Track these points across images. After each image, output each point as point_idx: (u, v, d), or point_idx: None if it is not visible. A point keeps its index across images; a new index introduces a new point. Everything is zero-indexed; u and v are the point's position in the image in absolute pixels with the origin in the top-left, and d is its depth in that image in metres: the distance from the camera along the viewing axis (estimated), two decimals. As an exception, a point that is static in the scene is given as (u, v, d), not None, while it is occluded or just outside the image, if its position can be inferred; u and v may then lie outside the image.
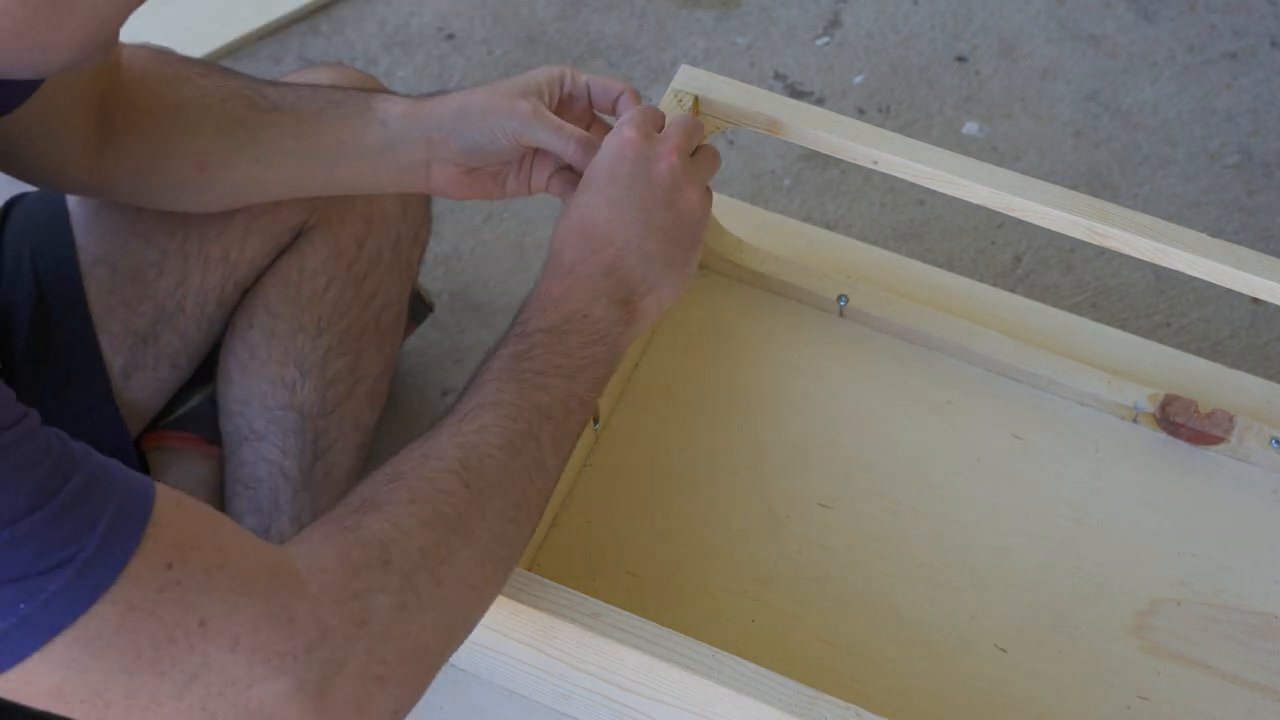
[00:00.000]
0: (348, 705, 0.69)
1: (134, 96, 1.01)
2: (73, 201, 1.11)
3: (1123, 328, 1.17)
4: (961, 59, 1.60)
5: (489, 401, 0.81)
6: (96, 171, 1.02)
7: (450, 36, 1.62)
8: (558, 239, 0.90)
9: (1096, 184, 1.50)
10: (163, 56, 1.04)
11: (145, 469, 1.15)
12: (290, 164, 1.02)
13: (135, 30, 1.52)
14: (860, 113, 1.56)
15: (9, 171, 1.02)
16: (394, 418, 1.31)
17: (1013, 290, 1.35)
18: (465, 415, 0.80)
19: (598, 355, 0.85)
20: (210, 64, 1.06)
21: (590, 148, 0.94)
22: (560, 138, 0.95)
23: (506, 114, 0.95)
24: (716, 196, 1.16)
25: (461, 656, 0.96)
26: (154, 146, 1.02)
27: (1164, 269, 0.97)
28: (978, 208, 1.01)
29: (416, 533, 0.74)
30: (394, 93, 1.06)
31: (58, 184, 1.06)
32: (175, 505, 0.70)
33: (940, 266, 1.20)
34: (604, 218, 0.89)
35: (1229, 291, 0.97)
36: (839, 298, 1.11)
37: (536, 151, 0.99)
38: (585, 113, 1.00)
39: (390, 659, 0.71)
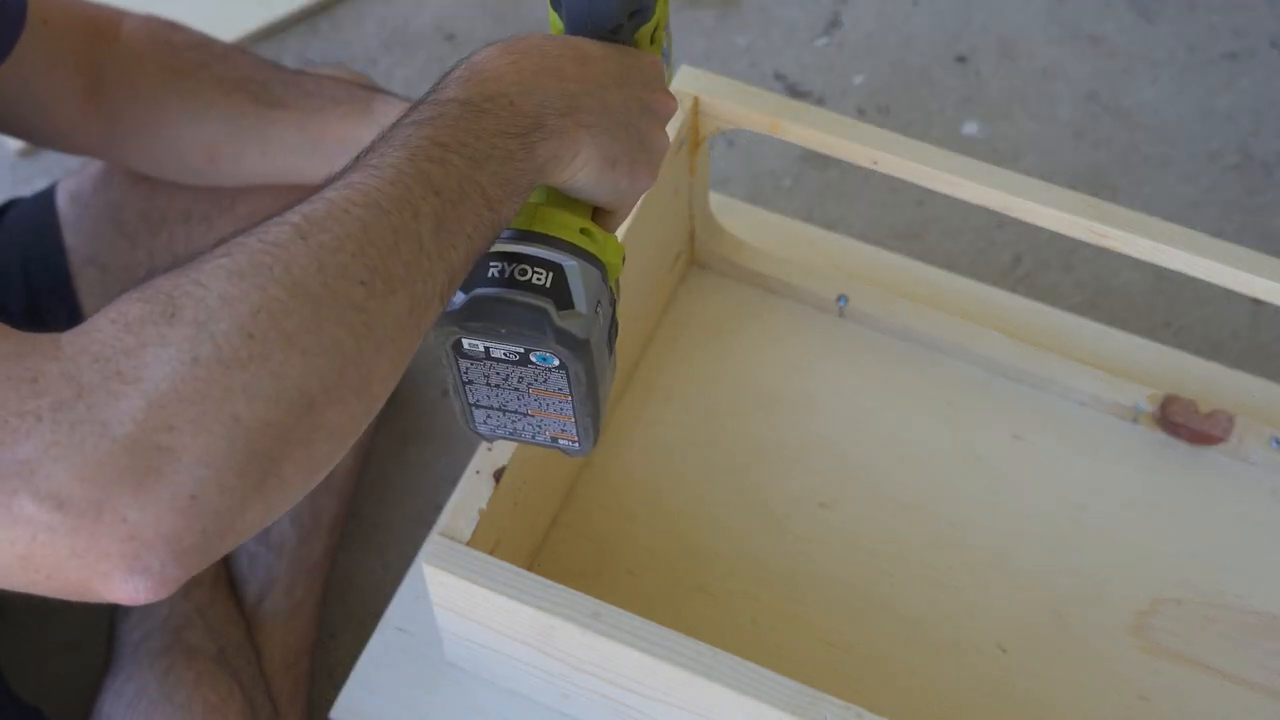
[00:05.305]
0: (124, 475, 0.56)
1: (135, 79, 1.03)
2: (62, 202, 1.12)
3: (1123, 328, 1.17)
4: (961, 59, 1.60)
5: (369, 164, 0.67)
6: (104, 139, 1.04)
7: (450, 36, 1.62)
8: (532, 37, 0.76)
9: (1096, 184, 1.50)
10: (164, 39, 1.05)
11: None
12: (295, 157, 1.04)
13: (135, 30, 1.52)
14: (860, 113, 1.56)
15: (14, 133, 1.04)
16: (393, 418, 1.31)
17: (1013, 290, 1.35)
18: (335, 179, 0.67)
19: (511, 151, 0.70)
20: (210, 48, 1.06)
21: None
22: None
23: None
24: (716, 196, 1.16)
25: (461, 656, 0.96)
26: (163, 135, 1.04)
27: (1164, 269, 0.97)
28: (978, 208, 1.01)
29: (219, 282, 0.60)
30: (392, 94, 1.07)
31: (64, 148, 1.07)
32: None
33: (940, 266, 1.20)
34: (596, 54, 0.77)
35: (1229, 291, 0.96)
36: (839, 298, 1.11)
37: None
38: None
39: (181, 426, 0.57)
